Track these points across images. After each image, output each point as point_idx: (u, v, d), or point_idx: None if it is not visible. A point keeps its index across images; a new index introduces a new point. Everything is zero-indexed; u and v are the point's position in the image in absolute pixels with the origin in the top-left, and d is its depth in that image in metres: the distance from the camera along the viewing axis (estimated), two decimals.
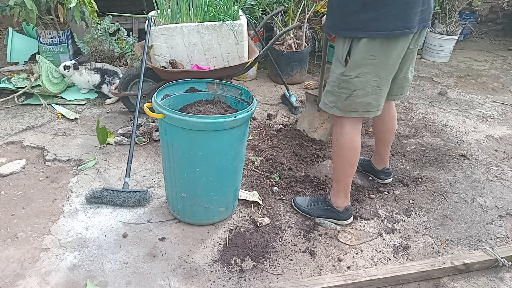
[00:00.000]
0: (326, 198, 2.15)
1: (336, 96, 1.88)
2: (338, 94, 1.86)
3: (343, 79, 1.83)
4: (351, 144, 1.96)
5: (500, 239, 2.12)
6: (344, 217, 2.12)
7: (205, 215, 2.06)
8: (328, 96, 1.92)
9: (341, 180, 2.06)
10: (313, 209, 2.16)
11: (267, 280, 1.81)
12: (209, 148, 1.84)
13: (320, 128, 2.86)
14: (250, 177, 2.47)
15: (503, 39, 5.81)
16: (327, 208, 2.12)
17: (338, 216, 2.12)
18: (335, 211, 2.11)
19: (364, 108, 1.88)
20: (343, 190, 2.07)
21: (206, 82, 2.13)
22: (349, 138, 1.95)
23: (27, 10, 3.28)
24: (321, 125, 2.86)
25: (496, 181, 2.60)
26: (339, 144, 1.97)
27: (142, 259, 1.88)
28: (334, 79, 1.87)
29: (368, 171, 2.54)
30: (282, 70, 3.69)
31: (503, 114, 3.55)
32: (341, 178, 2.05)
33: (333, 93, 1.88)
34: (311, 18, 4.06)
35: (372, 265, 1.93)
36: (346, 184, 2.06)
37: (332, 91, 1.89)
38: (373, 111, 1.92)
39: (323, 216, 2.14)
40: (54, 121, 3.03)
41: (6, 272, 1.78)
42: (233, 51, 2.83)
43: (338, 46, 1.84)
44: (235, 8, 2.81)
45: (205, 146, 1.84)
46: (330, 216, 2.13)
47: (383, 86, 1.86)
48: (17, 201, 2.21)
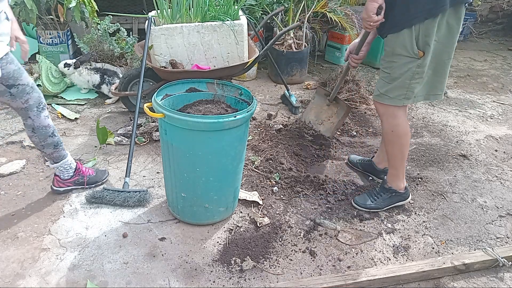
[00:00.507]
0: (386, 187, 2.25)
1: (406, 88, 1.94)
2: (412, 85, 1.94)
3: (418, 70, 1.90)
4: (406, 130, 2.08)
5: (500, 239, 2.12)
6: (407, 196, 2.28)
7: (205, 215, 2.06)
8: (395, 90, 1.96)
9: (400, 164, 2.18)
10: (379, 202, 2.24)
11: (267, 280, 1.81)
12: (209, 148, 1.84)
13: (327, 122, 2.81)
14: (250, 177, 2.47)
15: (503, 39, 5.81)
16: (392, 195, 2.24)
17: (403, 198, 2.27)
18: (399, 194, 2.25)
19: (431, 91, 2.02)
20: (402, 172, 2.21)
21: (206, 82, 2.13)
22: (404, 126, 2.06)
23: (27, 10, 3.28)
24: (329, 118, 2.81)
25: (496, 181, 2.60)
26: (396, 134, 2.07)
27: (142, 259, 1.88)
28: (404, 72, 1.91)
29: (368, 171, 2.54)
30: (282, 70, 3.69)
31: (503, 114, 3.55)
32: (400, 163, 2.17)
33: (403, 87, 1.94)
34: (311, 18, 4.06)
35: (372, 265, 1.93)
36: (403, 166, 2.20)
37: (403, 85, 1.94)
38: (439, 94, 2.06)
39: (390, 203, 2.25)
40: (54, 121, 3.03)
41: (6, 272, 1.78)
42: (233, 51, 2.83)
43: (403, 41, 1.86)
44: (235, 8, 2.82)
45: (205, 146, 1.84)
46: (397, 201, 2.26)
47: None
48: (17, 201, 2.21)
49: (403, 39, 1.86)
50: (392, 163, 2.20)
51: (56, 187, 2.25)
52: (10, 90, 1.85)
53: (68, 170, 2.23)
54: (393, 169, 2.21)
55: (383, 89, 2.01)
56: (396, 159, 2.17)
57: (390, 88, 1.98)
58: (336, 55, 4.46)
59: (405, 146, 2.12)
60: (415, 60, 1.88)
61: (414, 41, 1.84)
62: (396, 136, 2.08)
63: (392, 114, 2.04)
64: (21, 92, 1.89)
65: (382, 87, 2.01)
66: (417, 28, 1.82)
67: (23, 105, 1.93)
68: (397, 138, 2.08)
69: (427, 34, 1.82)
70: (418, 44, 1.85)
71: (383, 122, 2.10)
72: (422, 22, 1.80)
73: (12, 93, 1.86)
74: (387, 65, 1.97)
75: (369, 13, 1.83)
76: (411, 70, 1.90)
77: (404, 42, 1.86)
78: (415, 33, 1.83)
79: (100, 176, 2.36)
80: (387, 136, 2.12)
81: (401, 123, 2.05)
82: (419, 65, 1.89)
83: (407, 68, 1.90)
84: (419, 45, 1.85)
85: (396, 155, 2.15)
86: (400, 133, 2.07)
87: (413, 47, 1.85)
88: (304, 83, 3.94)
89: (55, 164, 2.18)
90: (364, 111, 3.41)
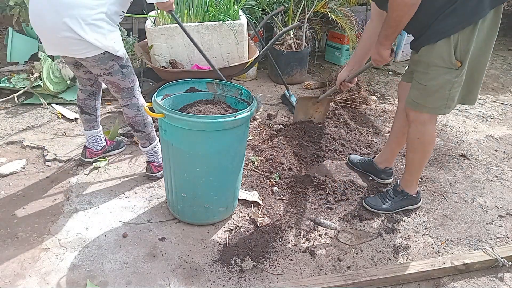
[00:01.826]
0: (398, 190, 2.25)
1: (447, 98, 1.87)
2: (452, 95, 1.87)
3: (457, 80, 1.82)
4: (432, 139, 2.05)
5: (500, 239, 2.12)
6: (418, 200, 2.29)
7: (205, 215, 2.06)
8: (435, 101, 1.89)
9: (417, 171, 2.18)
10: (391, 204, 2.25)
11: (267, 280, 1.81)
12: (209, 148, 1.84)
13: (315, 113, 3.04)
14: (250, 177, 2.47)
15: (503, 39, 5.81)
16: (403, 198, 2.24)
17: (415, 202, 2.28)
18: (411, 198, 2.25)
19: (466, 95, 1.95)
20: (416, 178, 2.22)
21: (206, 82, 2.13)
22: (431, 134, 2.02)
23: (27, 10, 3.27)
24: (316, 110, 3.02)
25: (496, 181, 2.60)
26: (422, 141, 2.04)
27: (142, 259, 1.88)
28: (442, 84, 1.83)
29: (369, 171, 2.54)
30: (282, 70, 3.68)
31: (503, 114, 3.55)
32: (418, 169, 2.17)
33: (443, 97, 1.87)
34: (311, 18, 4.06)
35: (372, 265, 1.93)
36: (419, 173, 2.21)
37: (443, 96, 1.86)
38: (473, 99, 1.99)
39: (402, 206, 2.26)
40: (54, 121, 3.03)
41: (6, 272, 1.78)
42: (233, 51, 2.83)
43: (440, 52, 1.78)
44: (235, 8, 2.81)
45: (205, 146, 1.83)
46: (408, 204, 2.27)
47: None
48: (17, 201, 2.21)
49: (440, 50, 1.77)
50: (409, 169, 2.17)
51: (155, 172, 2.42)
52: (122, 70, 2.10)
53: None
54: (409, 175, 2.19)
55: (420, 100, 1.92)
56: (414, 166, 2.15)
57: (429, 99, 1.90)
58: (336, 55, 4.46)
59: (427, 154, 2.10)
60: (453, 70, 1.80)
61: (452, 51, 1.75)
62: (421, 143, 2.03)
63: (422, 121, 1.97)
64: (130, 72, 2.15)
65: (418, 97, 1.92)
66: (455, 38, 1.73)
67: (130, 84, 2.17)
68: (421, 146, 2.04)
69: (466, 42, 1.74)
70: (456, 54, 1.76)
71: (411, 128, 2.04)
72: (461, 31, 1.71)
73: (124, 73, 2.11)
74: (422, 76, 1.88)
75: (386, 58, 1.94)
76: (450, 81, 1.82)
77: (441, 53, 1.77)
78: (454, 43, 1.74)
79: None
80: (413, 142, 2.06)
81: (429, 131, 2.00)
82: (458, 75, 1.81)
83: (444, 79, 1.82)
84: (457, 55, 1.76)
85: (415, 162, 2.13)
86: (425, 141, 2.03)
87: (451, 57, 1.76)
88: (304, 83, 3.93)
89: (150, 145, 2.35)
90: (364, 111, 3.41)
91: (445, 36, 1.74)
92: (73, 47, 1.93)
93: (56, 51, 2.06)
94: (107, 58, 2.02)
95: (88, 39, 1.89)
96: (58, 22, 1.85)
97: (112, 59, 2.04)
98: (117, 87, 2.15)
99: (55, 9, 1.84)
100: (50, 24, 1.88)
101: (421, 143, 2.04)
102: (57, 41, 1.94)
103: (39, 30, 1.97)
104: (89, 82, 2.34)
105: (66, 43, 1.92)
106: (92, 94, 2.39)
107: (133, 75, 2.19)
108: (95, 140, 2.51)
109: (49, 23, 1.88)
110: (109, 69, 2.06)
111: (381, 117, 3.34)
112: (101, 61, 2.02)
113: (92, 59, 2.00)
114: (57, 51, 2.06)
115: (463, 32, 1.72)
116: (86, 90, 2.36)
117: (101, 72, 2.08)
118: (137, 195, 2.30)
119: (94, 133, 2.49)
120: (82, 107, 2.41)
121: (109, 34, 1.98)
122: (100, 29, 1.93)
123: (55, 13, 1.85)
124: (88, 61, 2.01)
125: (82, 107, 2.41)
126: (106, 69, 2.06)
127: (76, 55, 1.99)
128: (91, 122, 2.46)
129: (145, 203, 2.24)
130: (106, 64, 2.04)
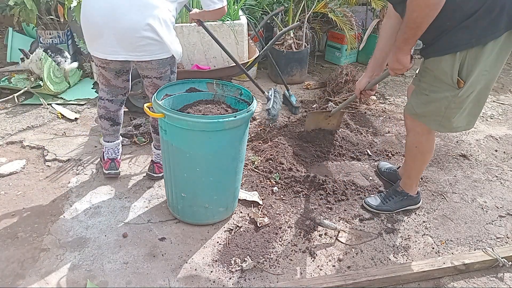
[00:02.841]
0: (398, 190, 2.25)
1: (442, 116, 1.82)
2: (447, 114, 1.81)
3: (455, 100, 1.76)
4: (431, 149, 2.05)
5: (500, 239, 2.12)
6: (418, 200, 2.29)
7: (205, 215, 2.06)
8: (430, 114, 1.85)
9: (417, 176, 2.19)
10: (391, 204, 2.24)
11: (267, 280, 1.81)
12: (209, 148, 1.84)
13: (327, 126, 2.91)
14: (250, 177, 2.47)
15: None
16: (403, 198, 2.24)
17: (415, 202, 2.28)
18: (411, 198, 2.25)
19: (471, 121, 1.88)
20: (416, 182, 2.23)
21: (206, 82, 2.13)
22: (429, 145, 2.02)
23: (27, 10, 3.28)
24: (328, 123, 2.91)
25: (496, 181, 2.60)
26: (420, 150, 2.03)
27: (142, 259, 1.88)
28: (440, 99, 1.79)
29: (392, 181, 2.46)
30: (282, 70, 3.69)
31: (503, 114, 3.55)
32: (417, 174, 2.18)
33: (438, 114, 1.83)
34: (311, 18, 4.06)
35: (372, 265, 1.93)
36: (419, 177, 2.22)
37: (438, 111, 1.82)
38: (474, 122, 1.90)
39: (402, 206, 2.26)
40: (54, 121, 3.03)
41: (6, 272, 1.78)
42: (233, 51, 2.83)
43: (444, 67, 1.72)
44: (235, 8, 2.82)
45: (205, 146, 1.83)
46: (408, 204, 2.27)
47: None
48: (17, 201, 2.21)
49: (445, 65, 1.70)
50: (408, 174, 2.20)
51: (157, 173, 2.37)
52: (171, 76, 2.13)
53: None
54: (408, 179, 2.21)
55: (419, 109, 1.89)
56: (413, 171, 2.16)
57: (426, 110, 1.87)
58: (336, 55, 4.46)
59: (426, 162, 2.10)
60: (453, 89, 1.73)
61: (456, 69, 1.68)
62: (420, 152, 2.03)
63: (419, 131, 1.96)
64: (174, 79, 2.17)
65: (418, 106, 1.89)
66: (463, 55, 1.65)
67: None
68: (420, 155, 2.04)
69: (474, 62, 1.65)
70: (461, 73, 1.69)
71: (409, 137, 2.03)
72: (470, 49, 1.63)
73: (171, 79, 2.14)
74: (426, 86, 1.83)
75: (406, 65, 1.78)
76: (447, 99, 1.76)
77: (445, 68, 1.71)
78: (460, 60, 1.66)
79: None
80: (411, 151, 2.06)
81: (426, 141, 1.99)
82: (456, 95, 1.73)
83: (443, 95, 1.77)
84: (462, 73, 1.69)
85: (414, 168, 2.14)
86: (423, 150, 2.02)
87: (454, 75, 1.69)
88: (304, 83, 3.94)
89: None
90: (364, 111, 3.41)
91: (452, 51, 1.67)
92: (149, 47, 1.90)
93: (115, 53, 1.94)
94: (167, 62, 2.01)
95: (166, 41, 1.89)
96: (140, 22, 1.82)
97: (169, 63, 2.04)
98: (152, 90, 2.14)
99: (138, 8, 1.81)
100: (130, 23, 1.83)
101: (420, 152, 2.03)
102: (131, 40, 1.88)
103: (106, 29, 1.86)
104: (123, 91, 2.25)
105: (142, 43, 1.88)
106: (123, 102, 2.33)
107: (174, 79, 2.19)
108: (118, 149, 2.43)
109: (129, 22, 1.83)
110: (163, 73, 2.05)
111: (381, 117, 3.34)
112: (162, 65, 2.01)
113: (157, 62, 1.98)
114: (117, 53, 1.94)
115: (471, 50, 1.64)
116: (117, 100, 2.27)
117: (155, 75, 2.05)
118: (137, 195, 2.29)
119: (119, 142, 2.42)
120: (114, 119, 2.30)
121: (176, 38, 1.99)
122: (172, 32, 1.94)
123: (138, 13, 1.82)
124: (152, 63, 1.98)
125: (113, 119, 2.30)
126: (161, 73, 2.04)
127: (144, 57, 1.94)
128: (118, 131, 2.38)
129: (145, 203, 2.24)
130: (164, 67, 2.03)
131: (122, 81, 2.19)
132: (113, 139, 2.36)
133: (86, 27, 1.95)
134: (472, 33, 1.61)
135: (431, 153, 2.07)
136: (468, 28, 1.61)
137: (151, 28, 1.85)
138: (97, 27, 1.88)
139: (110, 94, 2.24)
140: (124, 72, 2.16)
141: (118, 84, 2.20)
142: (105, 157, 2.39)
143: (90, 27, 1.92)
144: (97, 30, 1.89)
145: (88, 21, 1.90)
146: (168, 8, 1.90)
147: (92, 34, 1.93)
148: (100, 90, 2.27)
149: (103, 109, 2.27)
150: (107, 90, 2.23)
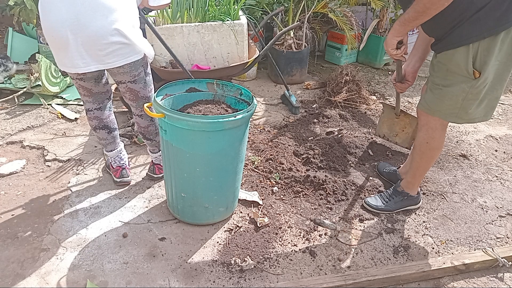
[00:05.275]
0: (399, 190, 2.25)
1: (459, 107, 1.83)
2: (464, 106, 1.82)
3: (472, 91, 1.77)
4: (441, 145, 2.03)
5: (500, 239, 2.12)
6: (419, 200, 2.30)
7: (205, 215, 2.06)
8: (447, 108, 1.86)
9: (420, 175, 2.18)
10: (391, 204, 2.25)
11: (267, 280, 1.81)
12: (209, 148, 1.84)
13: (402, 133, 2.77)
14: (250, 177, 2.47)
15: None
16: (404, 198, 2.24)
17: (415, 202, 2.28)
18: (411, 198, 2.25)
19: (489, 111, 1.88)
20: (419, 181, 2.23)
21: (206, 82, 2.13)
22: (440, 141, 2.01)
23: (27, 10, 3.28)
24: (402, 130, 2.76)
25: (496, 181, 2.60)
26: (430, 147, 2.02)
27: (142, 259, 1.88)
28: (456, 91, 1.79)
29: (393, 181, 2.46)
30: (282, 70, 3.69)
31: (503, 114, 3.55)
32: (421, 174, 2.17)
33: (455, 106, 1.83)
34: (311, 18, 4.06)
35: (372, 265, 1.93)
36: (422, 177, 2.21)
37: (455, 104, 1.83)
38: (492, 113, 1.91)
39: (402, 206, 2.26)
40: (54, 121, 3.03)
41: (6, 272, 1.78)
42: (233, 51, 2.83)
43: (458, 59, 1.73)
44: (235, 8, 2.81)
45: (205, 146, 1.83)
46: (408, 204, 2.27)
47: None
48: (17, 201, 2.21)
49: (459, 58, 1.72)
50: (413, 172, 2.17)
51: (157, 174, 2.39)
52: (146, 78, 2.09)
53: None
54: (412, 178, 2.19)
55: (433, 104, 1.89)
56: (419, 170, 2.15)
57: (442, 104, 1.86)
58: (336, 55, 4.46)
59: (433, 159, 2.09)
60: (469, 80, 1.74)
61: (470, 60, 1.70)
62: (429, 148, 2.02)
63: (433, 127, 1.96)
64: (150, 81, 2.14)
65: (432, 101, 1.89)
66: (475, 46, 1.67)
67: (148, 93, 2.14)
68: (429, 151, 2.04)
69: (486, 53, 1.67)
70: (475, 64, 1.71)
71: (421, 132, 2.03)
72: (482, 40, 1.65)
73: (146, 81, 2.10)
74: (439, 81, 1.84)
75: (388, 48, 1.83)
76: (464, 90, 1.77)
77: (459, 61, 1.73)
78: (473, 52, 1.68)
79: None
80: (421, 146, 2.05)
81: (438, 137, 1.98)
82: (473, 85, 1.75)
83: (460, 87, 1.78)
84: (476, 65, 1.71)
85: (421, 166, 2.13)
86: (434, 146, 2.02)
87: (469, 66, 1.71)
88: (304, 83, 3.93)
89: (160, 151, 2.30)
90: (364, 111, 3.41)
91: (465, 44, 1.68)
92: (119, 51, 1.85)
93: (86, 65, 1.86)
94: (139, 64, 1.98)
95: (135, 42, 1.86)
96: (107, 27, 1.76)
97: (141, 65, 2.01)
98: (136, 95, 2.10)
99: (102, 14, 1.74)
100: (96, 30, 1.75)
101: (430, 149, 2.03)
102: (100, 47, 1.81)
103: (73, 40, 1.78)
104: (107, 94, 2.20)
105: (111, 49, 1.83)
106: (110, 107, 2.26)
107: (152, 84, 2.14)
108: (123, 154, 2.39)
109: (95, 29, 1.75)
110: (136, 76, 2.01)
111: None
112: (134, 67, 1.97)
113: (129, 66, 1.94)
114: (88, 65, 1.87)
115: (483, 41, 1.66)
116: (105, 106, 2.21)
117: (128, 79, 2.01)
118: (137, 195, 2.29)
119: (121, 147, 2.38)
120: (109, 125, 2.23)
121: (144, 38, 1.95)
122: (139, 32, 1.91)
123: (103, 18, 1.75)
124: (124, 67, 1.94)
125: (108, 125, 2.23)
126: (134, 76, 2.01)
127: (116, 63, 1.88)
128: (117, 137, 2.33)
129: (145, 203, 2.24)
130: (136, 70, 1.99)
131: (103, 85, 2.14)
132: (115, 146, 2.33)
133: (53, 42, 1.84)
134: (483, 25, 1.64)
135: (440, 150, 2.05)
136: (479, 20, 1.63)
137: (119, 33, 1.79)
138: (64, 39, 1.78)
139: (97, 102, 2.17)
140: (101, 76, 2.11)
141: (101, 89, 2.14)
142: (114, 166, 2.36)
143: (57, 41, 1.81)
144: (65, 42, 1.79)
145: (53, 35, 1.80)
146: (131, 9, 1.86)
147: (60, 48, 1.83)
148: (84, 103, 2.18)
149: (95, 120, 2.20)
150: (92, 100, 2.16)
